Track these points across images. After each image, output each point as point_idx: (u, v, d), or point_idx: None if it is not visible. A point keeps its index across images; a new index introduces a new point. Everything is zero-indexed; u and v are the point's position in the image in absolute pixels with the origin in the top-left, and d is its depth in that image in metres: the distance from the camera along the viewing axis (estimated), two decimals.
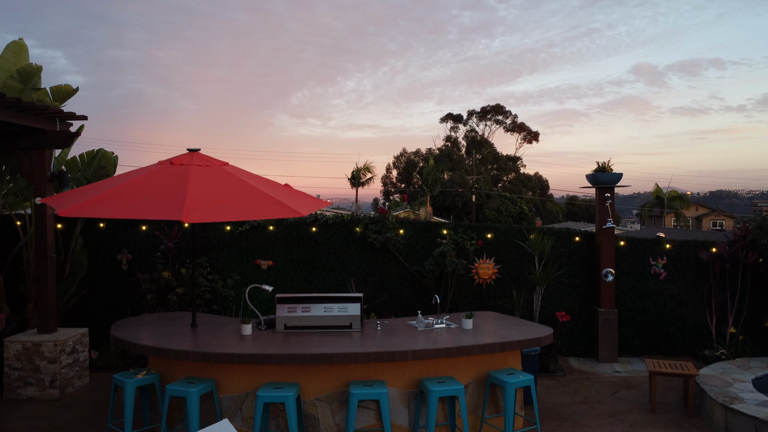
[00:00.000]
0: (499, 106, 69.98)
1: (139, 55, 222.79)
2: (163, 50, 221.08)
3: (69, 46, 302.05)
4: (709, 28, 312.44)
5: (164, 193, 4.98)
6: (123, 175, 5.65)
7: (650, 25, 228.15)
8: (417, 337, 5.52)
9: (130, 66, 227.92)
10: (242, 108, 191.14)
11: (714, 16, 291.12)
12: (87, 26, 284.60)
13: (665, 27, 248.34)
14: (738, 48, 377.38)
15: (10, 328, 7.42)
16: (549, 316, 8.31)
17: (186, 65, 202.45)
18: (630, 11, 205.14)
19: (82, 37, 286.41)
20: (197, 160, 5.60)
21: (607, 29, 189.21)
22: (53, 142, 6.92)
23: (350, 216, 8.58)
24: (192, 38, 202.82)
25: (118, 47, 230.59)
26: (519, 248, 8.45)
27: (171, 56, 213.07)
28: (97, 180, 7.92)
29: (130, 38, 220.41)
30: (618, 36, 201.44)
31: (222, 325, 5.99)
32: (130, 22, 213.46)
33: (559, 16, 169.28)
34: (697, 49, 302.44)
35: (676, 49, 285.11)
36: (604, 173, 8.16)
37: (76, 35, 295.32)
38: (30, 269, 7.80)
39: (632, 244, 8.53)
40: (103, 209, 4.81)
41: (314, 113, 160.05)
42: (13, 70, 7.25)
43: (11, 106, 6.08)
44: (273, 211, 5.15)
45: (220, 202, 5.01)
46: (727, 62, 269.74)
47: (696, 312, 8.42)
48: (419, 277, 8.44)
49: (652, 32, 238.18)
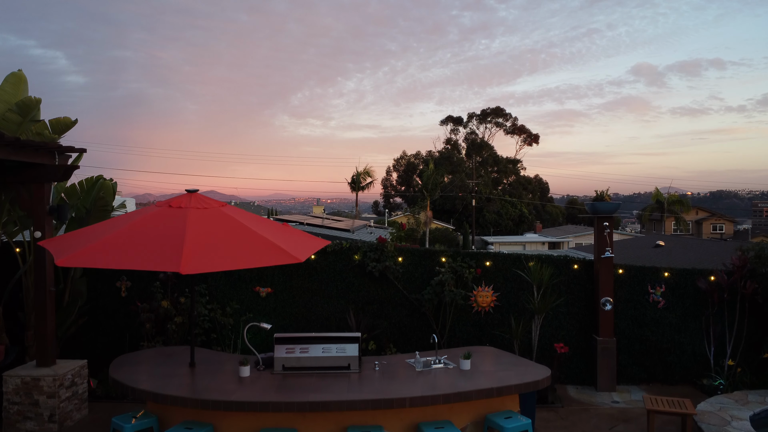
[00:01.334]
0: (499, 109, 69.95)
1: (140, 56, 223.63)
2: (164, 50, 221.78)
3: (70, 47, 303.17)
4: (709, 29, 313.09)
5: (162, 240, 4.98)
6: (122, 218, 5.66)
7: (650, 26, 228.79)
8: (415, 380, 5.53)
9: (131, 66, 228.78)
10: (243, 108, 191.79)
11: (714, 17, 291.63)
12: (88, 27, 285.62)
13: (665, 27, 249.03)
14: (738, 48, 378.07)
15: (10, 359, 7.44)
16: (547, 344, 8.32)
17: (186, 65, 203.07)
18: (630, 12, 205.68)
19: (82, 37, 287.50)
20: (195, 203, 5.61)
21: (607, 30, 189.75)
22: (52, 175, 6.92)
23: (349, 244, 8.58)
24: (192, 39, 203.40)
25: (119, 47, 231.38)
26: (518, 276, 8.45)
27: (171, 56, 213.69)
28: (96, 210, 7.92)
29: (131, 39, 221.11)
30: (618, 36, 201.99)
31: (221, 365, 6.00)
32: (130, 23, 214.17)
33: (559, 17, 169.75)
34: (697, 50, 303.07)
35: (676, 49, 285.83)
36: (602, 202, 8.17)
37: (76, 35, 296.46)
38: (29, 297, 7.81)
39: (631, 272, 8.53)
40: (102, 258, 4.81)
41: (314, 113, 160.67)
42: (12, 102, 7.25)
43: (10, 144, 6.08)
44: (271, 257, 5.16)
45: (218, 249, 5.01)
46: (727, 62, 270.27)
47: (694, 340, 8.43)
48: (418, 305, 8.45)
49: (652, 32, 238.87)
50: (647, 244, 26.58)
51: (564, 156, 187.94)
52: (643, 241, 28.88)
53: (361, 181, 44.28)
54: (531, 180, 69.06)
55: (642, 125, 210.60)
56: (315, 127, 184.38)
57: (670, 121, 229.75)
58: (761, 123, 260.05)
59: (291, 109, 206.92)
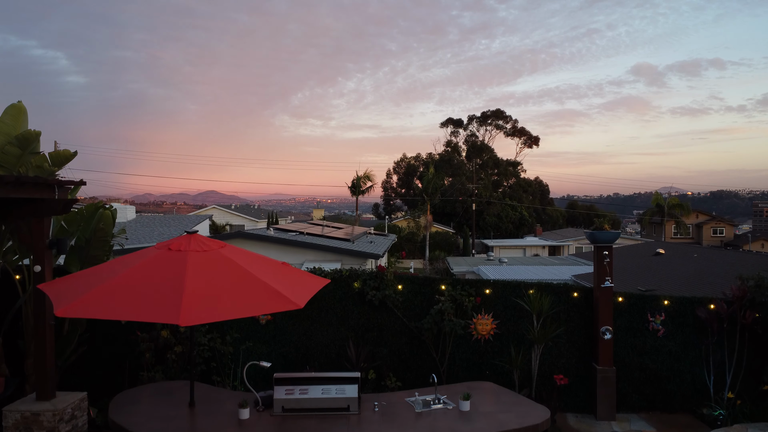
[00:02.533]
0: (500, 111, 69.94)
1: (140, 56, 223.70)
2: (164, 51, 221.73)
3: (70, 47, 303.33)
4: (708, 29, 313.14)
5: (162, 288, 4.97)
6: (122, 261, 5.64)
7: (650, 26, 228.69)
8: (414, 423, 5.53)
9: (131, 66, 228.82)
10: (243, 108, 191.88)
11: (714, 17, 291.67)
12: (88, 27, 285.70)
13: (665, 27, 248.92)
14: (738, 48, 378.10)
15: (9, 391, 7.44)
16: (547, 372, 8.33)
17: (187, 66, 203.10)
18: (630, 12, 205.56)
19: (83, 37, 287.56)
20: (195, 245, 5.60)
21: (607, 30, 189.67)
22: (52, 210, 6.91)
23: (348, 272, 8.58)
24: (193, 39, 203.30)
25: (119, 48, 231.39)
26: (517, 303, 8.45)
27: (172, 57, 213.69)
28: (96, 241, 7.91)
29: (131, 39, 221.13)
30: (618, 36, 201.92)
31: (220, 404, 6.00)
32: (131, 23, 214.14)
33: (559, 17, 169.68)
34: (696, 50, 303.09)
35: (675, 49, 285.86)
36: (601, 232, 8.17)
37: (77, 36, 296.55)
38: (29, 325, 7.81)
39: (630, 300, 8.53)
40: (100, 309, 4.81)
41: (315, 113, 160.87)
42: (11, 134, 7.24)
43: (10, 183, 6.08)
44: (272, 304, 5.16)
45: (217, 298, 5.00)
46: (727, 62, 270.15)
47: (694, 369, 8.43)
48: (418, 333, 8.45)
49: (652, 33, 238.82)
50: (647, 251, 26.59)
51: (564, 156, 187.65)
52: (643, 249, 28.87)
53: (362, 185, 44.24)
54: (531, 182, 69.06)
55: (642, 125, 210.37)
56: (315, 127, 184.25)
57: (670, 121, 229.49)
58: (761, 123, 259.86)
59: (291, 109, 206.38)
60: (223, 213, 56.43)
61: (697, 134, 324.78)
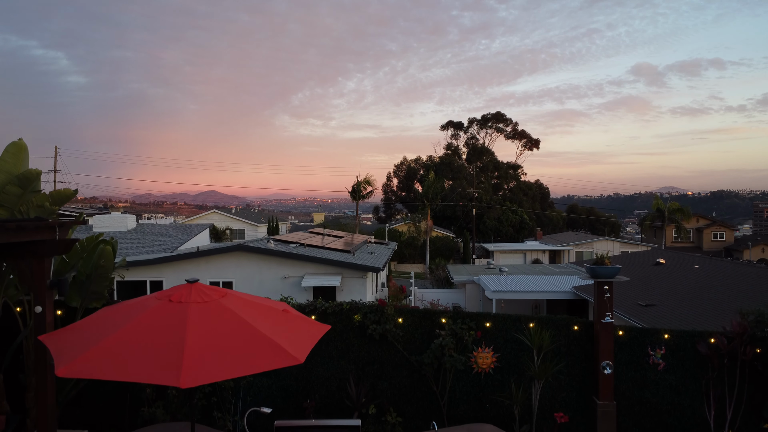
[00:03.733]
0: (500, 114, 69.95)
1: (140, 56, 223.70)
2: (165, 51, 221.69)
3: (71, 47, 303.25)
4: (708, 29, 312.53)
5: (162, 346, 4.97)
6: (123, 311, 5.64)
7: (650, 26, 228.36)
8: None
9: (131, 66, 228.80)
10: (243, 108, 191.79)
11: (714, 17, 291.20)
12: (89, 27, 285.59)
13: (665, 27, 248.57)
14: (738, 48, 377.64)
15: (11, 429, 7.45)
16: (547, 407, 8.34)
17: (187, 66, 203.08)
18: (629, 12, 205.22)
19: (83, 37, 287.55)
20: (196, 296, 5.60)
21: (607, 30, 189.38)
22: (53, 250, 6.92)
23: (349, 305, 8.59)
24: (193, 39, 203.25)
25: (120, 48, 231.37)
26: (518, 337, 8.46)
27: (172, 57, 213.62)
28: (96, 277, 7.92)
29: (132, 39, 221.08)
30: (618, 36, 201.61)
31: None
32: (131, 23, 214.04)
33: (559, 17, 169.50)
34: (696, 50, 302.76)
35: (675, 49, 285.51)
36: (602, 267, 8.16)
37: (77, 36, 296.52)
38: (30, 359, 7.82)
39: (631, 334, 8.53)
40: (101, 369, 4.80)
41: (315, 113, 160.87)
42: (12, 172, 7.25)
43: (11, 229, 6.08)
44: (273, 360, 5.15)
45: (218, 356, 5.01)
46: (727, 62, 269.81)
47: (695, 403, 8.43)
48: (418, 366, 8.46)
49: (652, 33, 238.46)
50: (648, 260, 26.61)
51: (564, 156, 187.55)
52: (643, 258, 28.89)
53: (362, 190, 44.30)
54: (532, 185, 69.07)
55: (642, 125, 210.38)
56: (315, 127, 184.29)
57: (670, 121, 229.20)
58: (761, 123, 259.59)
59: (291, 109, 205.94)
60: (223, 217, 56.58)
61: (697, 134, 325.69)
